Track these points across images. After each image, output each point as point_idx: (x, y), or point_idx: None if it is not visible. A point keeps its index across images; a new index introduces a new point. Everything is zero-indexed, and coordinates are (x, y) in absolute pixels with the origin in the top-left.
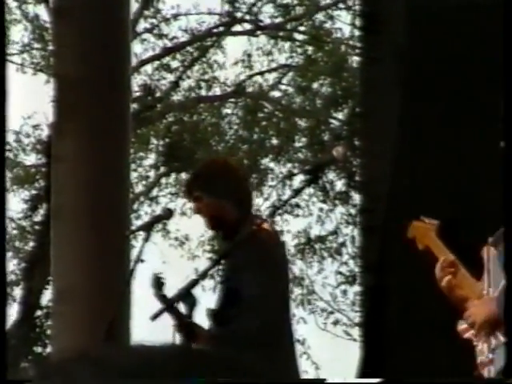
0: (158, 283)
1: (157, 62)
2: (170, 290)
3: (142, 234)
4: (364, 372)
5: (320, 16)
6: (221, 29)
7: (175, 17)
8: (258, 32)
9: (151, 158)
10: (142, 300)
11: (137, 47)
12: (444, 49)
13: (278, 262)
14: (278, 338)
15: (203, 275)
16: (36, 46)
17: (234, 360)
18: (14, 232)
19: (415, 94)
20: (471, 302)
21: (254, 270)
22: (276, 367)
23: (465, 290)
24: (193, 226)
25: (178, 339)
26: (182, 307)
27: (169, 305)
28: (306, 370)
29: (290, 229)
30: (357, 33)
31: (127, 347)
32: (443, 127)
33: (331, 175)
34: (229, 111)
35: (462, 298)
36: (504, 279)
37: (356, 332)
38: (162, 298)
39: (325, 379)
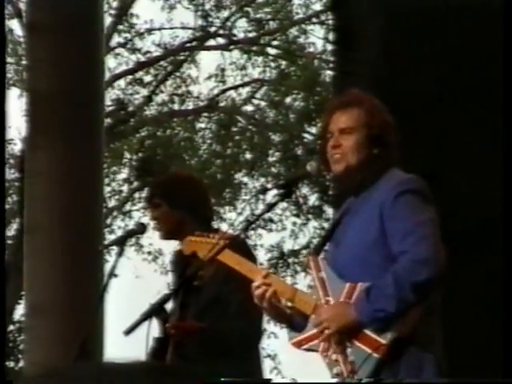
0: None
1: (130, 77)
2: (143, 305)
3: (115, 249)
4: None
5: (293, 30)
6: (194, 43)
7: (149, 31)
8: (232, 46)
9: (124, 173)
10: (116, 314)
11: (110, 61)
12: (418, 62)
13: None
14: (255, 346)
15: (176, 290)
16: (9, 60)
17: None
18: None
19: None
20: (318, 307)
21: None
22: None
23: (297, 303)
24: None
25: (150, 354)
26: (154, 322)
27: (142, 320)
28: None
29: (263, 243)
30: (330, 47)
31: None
32: (418, 141)
33: (305, 189)
34: (202, 125)
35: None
36: (345, 287)
37: None
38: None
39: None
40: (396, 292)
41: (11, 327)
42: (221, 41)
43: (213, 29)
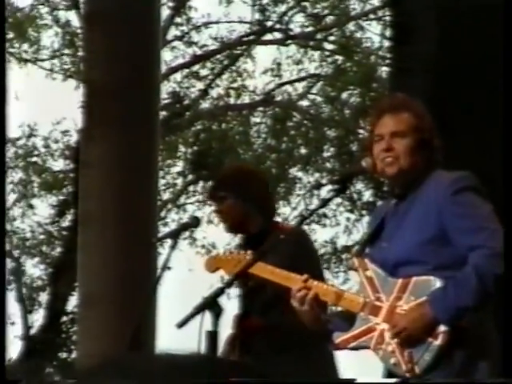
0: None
1: (186, 70)
2: (196, 299)
3: (168, 242)
4: None
5: (350, 26)
6: (251, 37)
7: (206, 25)
8: (288, 41)
9: (179, 166)
10: (169, 307)
11: (167, 54)
12: (473, 59)
13: (316, 259)
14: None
15: (229, 283)
16: (66, 51)
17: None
18: (42, 237)
19: (443, 105)
20: (368, 304)
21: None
22: (314, 370)
23: (340, 302)
24: (219, 233)
25: (203, 347)
26: (207, 316)
27: (194, 313)
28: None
29: (316, 238)
30: (386, 43)
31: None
32: (471, 138)
33: (359, 185)
34: (257, 120)
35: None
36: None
37: None
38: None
39: (355, 379)
40: (479, 285)
41: (64, 318)
42: (277, 35)
43: (269, 23)
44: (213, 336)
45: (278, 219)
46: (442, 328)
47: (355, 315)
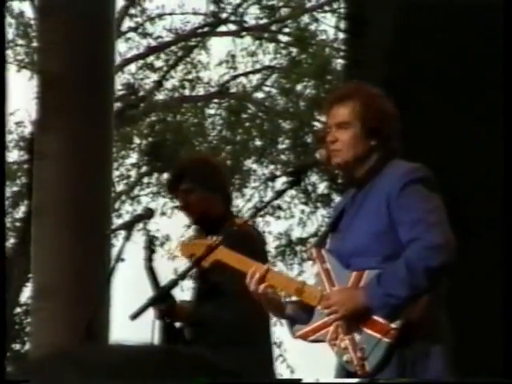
0: (149, 247)
1: (141, 61)
2: (150, 290)
3: (122, 233)
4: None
5: (305, 18)
6: (205, 29)
7: (160, 16)
8: (243, 33)
9: (133, 157)
10: (122, 299)
11: (121, 46)
12: (430, 50)
13: (263, 257)
14: (255, 335)
15: (183, 275)
16: (20, 42)
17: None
18: None
19: (399, 97)
20: (324, 298)
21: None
22: (251, 366)
23: (285, 289)
24: (173, 225)
25: (156, 337)
26: (160, 307)
27: (148, 304)
28: (281, 374)
29: (271, 230)
30: (341, 35)
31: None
32: (429, 130)
33: (313, 177)
34: (212, 112)
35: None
36: (351, 276)
37: None
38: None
39: (301, 379)
40: (408, 276)
41: (18, 310)
42: (232, 27)
43: (224, 15)
44: (166, 327)
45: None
46: (393, 325)
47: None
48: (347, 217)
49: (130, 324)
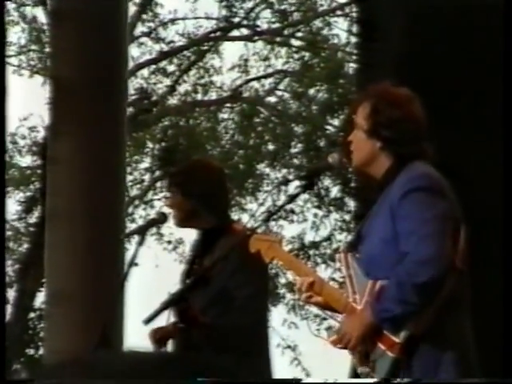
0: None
1: (153, 66)
2: (163, 295)
3: (136, 238)
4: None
5: (317, 22)
6: (218, 33)
7: (173, 21)
8: (255, 37)
9: (147, 162)
10: (136, 303)
11: (134, 51)
12: (441, 55)
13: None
14: (264, 342)
15: (196, 281)
16: (33, 47)
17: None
18: (9, 233)
19: None
20: (342, 318)
21: (248, 271)
22: (257, 370)
23: (331, 302)
24: (186, 229)
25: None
26: (174, 311)
27: (161, 309)
28: (297, 377)
29: (284, 234)
30: (353, 39)
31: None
32: (441, 133)
33: (326, 181)
34: (225, 116)
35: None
36: (368, 285)
37: None
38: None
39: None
40: (398, 294)
41: (32, 314)
42: (244, 31)
43: (236, 19)
44: (179, 332)
45: (245, 215)
46: (397, 340)
47: None
48: (368, 223)
49: (145, 329)
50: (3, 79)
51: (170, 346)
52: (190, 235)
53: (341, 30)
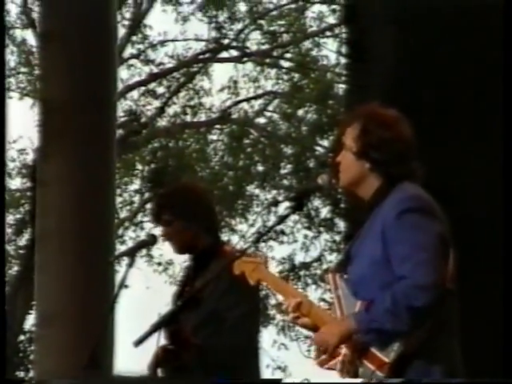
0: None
1: (143, 88)
2: (153, 316)
3: (126, 260)
4: None
5: (307, 43)
6: (207, 55)
7: (162, 43)
8: (245, 59)
9: (136, 184)
10: (126, 325)
11: (123, 72)
12: (431, 75)
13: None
14: (253, 360)
15: (187, 302)
16: (22, 70)
17: None
18: None
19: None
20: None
21: (238, 292)
22: None
23: (319, 324)
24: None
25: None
26: (164, 333)
27: (152, 331)
28: None
29: (274, 255)
30: (343, 60)
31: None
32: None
33: (316, 202)
34: (214, 137)
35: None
36: (356, 305)
37: None
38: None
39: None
40: (392, 308)
41: (21, 337)
42: (234, 53)
43: (226, 41)
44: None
45: (234, 236)
46: (387, 359)
47: None
48: (357, 243)
49: (134, 351)
50: (3, 84)
51: (159, 369)
52: (181, 257)
53: (330, 51)
